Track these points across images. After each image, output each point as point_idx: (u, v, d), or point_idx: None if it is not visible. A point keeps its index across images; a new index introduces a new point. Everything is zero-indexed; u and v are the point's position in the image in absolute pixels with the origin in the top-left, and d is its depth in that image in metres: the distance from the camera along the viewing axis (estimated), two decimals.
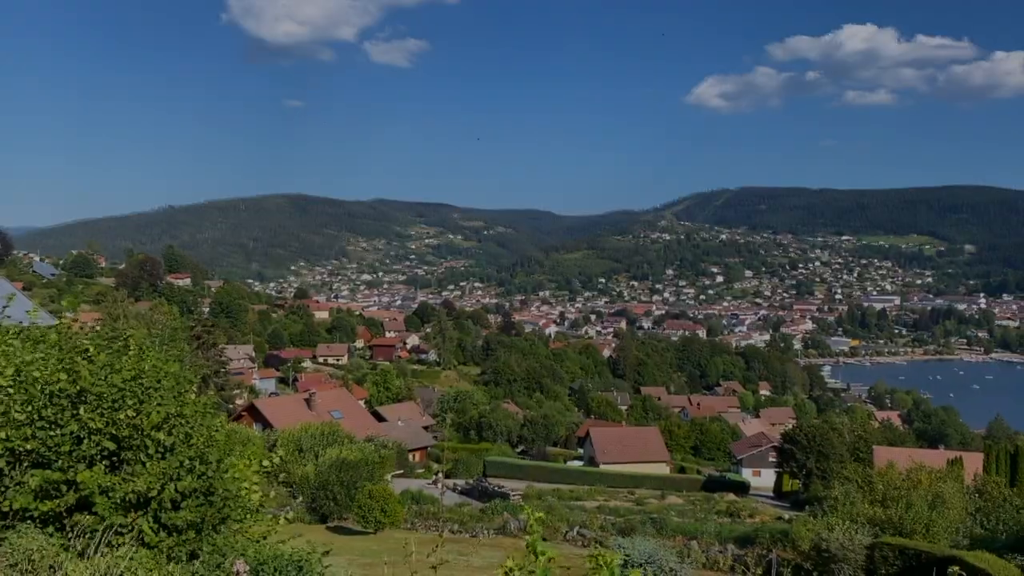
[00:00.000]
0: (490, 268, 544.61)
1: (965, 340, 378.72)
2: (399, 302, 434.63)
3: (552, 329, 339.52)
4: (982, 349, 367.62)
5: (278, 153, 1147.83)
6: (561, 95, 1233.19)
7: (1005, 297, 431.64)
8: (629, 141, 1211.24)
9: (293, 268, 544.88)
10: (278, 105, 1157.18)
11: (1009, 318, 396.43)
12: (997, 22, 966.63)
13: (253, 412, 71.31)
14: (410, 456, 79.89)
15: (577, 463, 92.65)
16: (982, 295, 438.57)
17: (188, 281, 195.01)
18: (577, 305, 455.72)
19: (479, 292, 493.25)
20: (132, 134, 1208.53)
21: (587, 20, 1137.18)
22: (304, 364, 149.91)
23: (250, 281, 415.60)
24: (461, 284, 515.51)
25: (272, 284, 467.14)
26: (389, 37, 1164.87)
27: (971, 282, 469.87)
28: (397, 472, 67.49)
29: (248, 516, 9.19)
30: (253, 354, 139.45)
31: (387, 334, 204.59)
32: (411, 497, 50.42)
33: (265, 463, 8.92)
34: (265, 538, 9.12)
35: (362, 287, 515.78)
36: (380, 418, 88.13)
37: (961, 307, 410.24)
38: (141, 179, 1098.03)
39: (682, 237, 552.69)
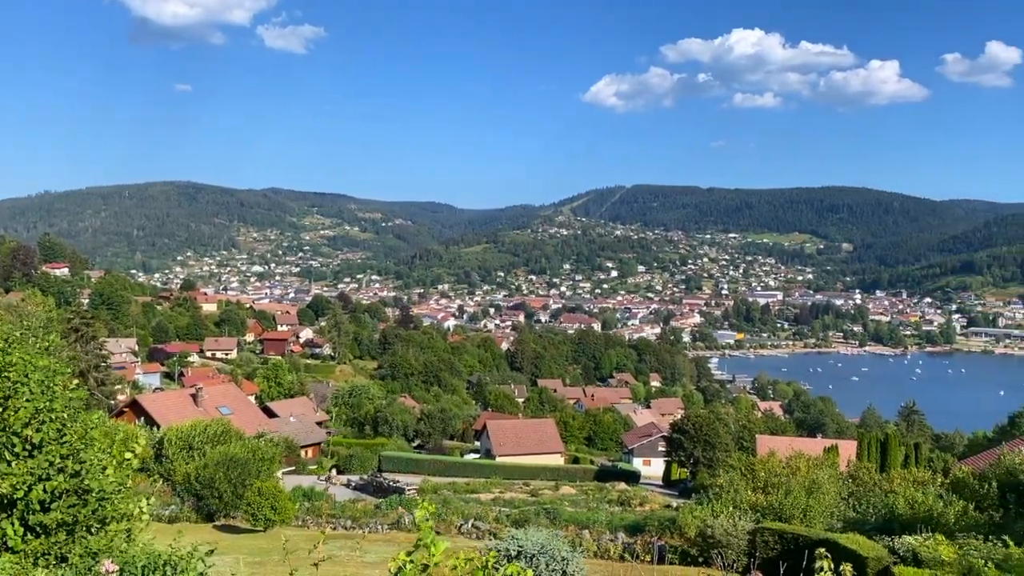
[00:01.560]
0: (388, 261, 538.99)
1: (842, 334, 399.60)
2: (292, 295, 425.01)
3: (451, 322, 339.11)
4: (857, 343, 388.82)
5: (166, 139, 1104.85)
6: (462, 89, 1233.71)
7: (878, 293, 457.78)
8: (529, 137, 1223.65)
9: (180, 258, 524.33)
10: (166, 89, 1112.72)
11: (881, 313, 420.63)
12: (873, 32, 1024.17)
13: (136, 408, 68.22)
14: (303, 452, 78.29)
15: (474, 456, 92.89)
16: (858, 291, 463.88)
17: (66, 271, 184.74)
18: (476, 298, 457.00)
19: (376, 285, 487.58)
20: (5, 115, 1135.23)
21: (489, 14, 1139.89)
22: (191, 358, 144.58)
23: (134, 272, 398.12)
24: (358, 277, 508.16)
25: (157, 275, 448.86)
26: (285, 22, 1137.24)
27: (848, 279, 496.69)
28: (288, 469, 66.06)
29: (122, 517, 8.77)
30: (136, 348, 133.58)
31: (279, 327, 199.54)
32: (303, 494, 49.45)
33: (127, 455, 8.51)
34: (131, 537, 8.72)
35: (253, 279, 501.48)
36: (271, 414, 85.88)
37: (838, 302, 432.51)
38: (15, 163, 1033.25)
39: (579, 232, 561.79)
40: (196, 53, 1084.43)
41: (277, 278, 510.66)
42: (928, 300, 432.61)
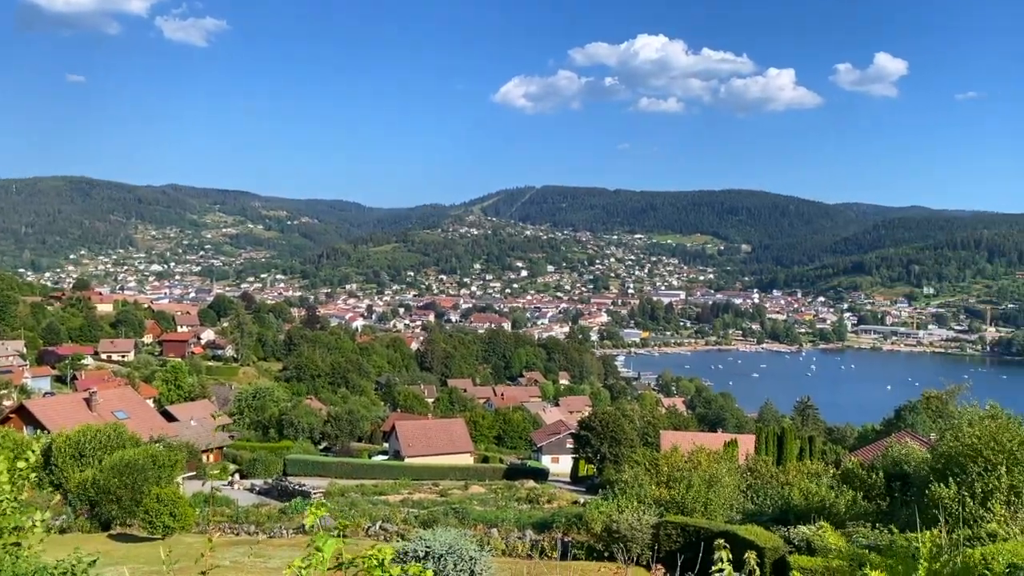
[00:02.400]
0: (294, 260, 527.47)
1: (741, 332, 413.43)
2: (193, 295, 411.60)
3: (359, 323, 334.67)
4: (755, 340, 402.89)
5: (57, 132, 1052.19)
6: (371, 86, 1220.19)
7: (775, 293, 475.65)
8: (440, 136, 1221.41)
9: (73, 257, 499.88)
10: (57, 80, 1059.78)
11: (778, 312, 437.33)
12: (771, 41, 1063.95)
13: (23, 414, 64.81)
14: (204, 457, 75.94)
15: (382, 457, 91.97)
16: (756, 291, 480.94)
17: None
18: (385, 298, 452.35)
19: (282, 285, 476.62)
20: None
21: (399, 11, 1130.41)
22: (84, 361, 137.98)
23: (22, 271, 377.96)
24: (262, 276, 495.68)
25: (48, 274, 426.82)
26: (185, 14, 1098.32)
27: (746, 279, 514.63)
28: (189, 474, 63.90)
29: (12, 530, 8.29)
30: (24, 351, 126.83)
31: (179, 328, 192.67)
32: (204, 499, 47.94)
33: (20, 465, 8.08)
34: (19, 551, 8.27)
35: (151, 278, 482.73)
36: (171, 418, 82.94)
37: (738, 302, 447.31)
38: None
39: (490, 232, 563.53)
40: (90, 43, 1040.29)
41: (177, 277, 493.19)
42: (821, 299, 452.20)
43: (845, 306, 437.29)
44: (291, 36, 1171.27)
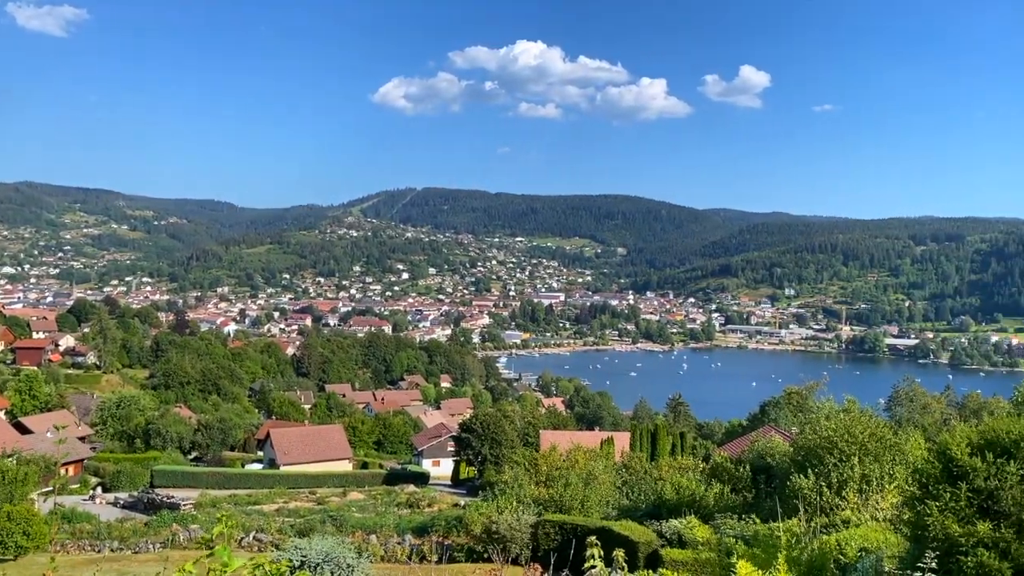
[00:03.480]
0: (161, 262, 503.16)
1: (617, 332, 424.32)
2: (50, 299, 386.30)
3: (232, 327, 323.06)
4: (630, 340, 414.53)
5: None
6: (243, 82, 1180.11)
7: (648, 294, 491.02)
8: (317, 135, 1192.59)
9: None
10: None
11: (652, 313, 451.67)
12: (644, 51, 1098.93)
13: None
14: (63, 470, 71.34)
15: (257, 466, 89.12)
16: (631, 292, 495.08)
17: None
18: (260, 302, 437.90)
19: (148, 288, 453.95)
20: None
21: (270, 5, 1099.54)
22: None
23: None
24: (127, 279, 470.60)
25: None
26: (41, 1, 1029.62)
27: (622, 280, 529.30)
28: (46, 490, 59.92)
29: None
30: None
31: (34, 335, 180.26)
32: (62, 516, 45.07)
33: None
34: None
35: (3, 282, 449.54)
36: (25, 430, 77.60)
37: (614, 303, 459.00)
38: None
39: (369, 234, 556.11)
40: None
41: (32, 281, 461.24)
42: (692, 300, 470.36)
43: (713, 307, 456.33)
44: (156, 28, 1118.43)
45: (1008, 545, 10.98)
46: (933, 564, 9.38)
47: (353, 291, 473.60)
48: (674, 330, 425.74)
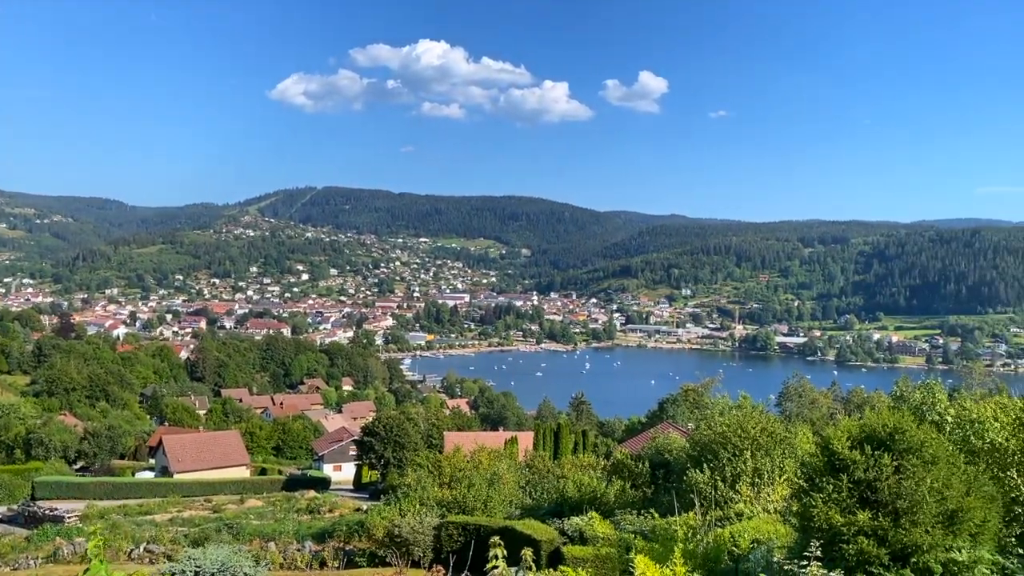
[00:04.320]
0: (44, 262, 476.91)
1: (521, 333, 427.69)
2: None
3: (121, 331, 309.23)
4: (535, 340, 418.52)
5: None
6: (131, 74, 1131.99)
7: (552, 295, 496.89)
8: (213, 131, 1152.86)
9: None
10: None
11: (555, 313, 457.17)
12: (546, 55, 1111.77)
13: None
14: None
15: (149, 475, 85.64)
16: (535, 293, 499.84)
17: None
18: (151, 304, 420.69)
19: (30, 290, 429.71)
20: None
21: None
22: None
23: None
24: (6, 280, 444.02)
25: None
26: None
27: (526, 281, 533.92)
28: None
29: None
30: None
31: None
32: None
33: None
34: None
35: None
36: None
37: (518, 303, 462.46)
38: None
39: (267, 234, 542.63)
40: None
41: None
42: (594, 301, 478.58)
43: (614, 307, 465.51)
44: (33, 14, 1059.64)
45: (885, 532, 11.59)
46: (818, 553, 9.81)
47: (250, 292, 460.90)
48: (577, 330, 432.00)
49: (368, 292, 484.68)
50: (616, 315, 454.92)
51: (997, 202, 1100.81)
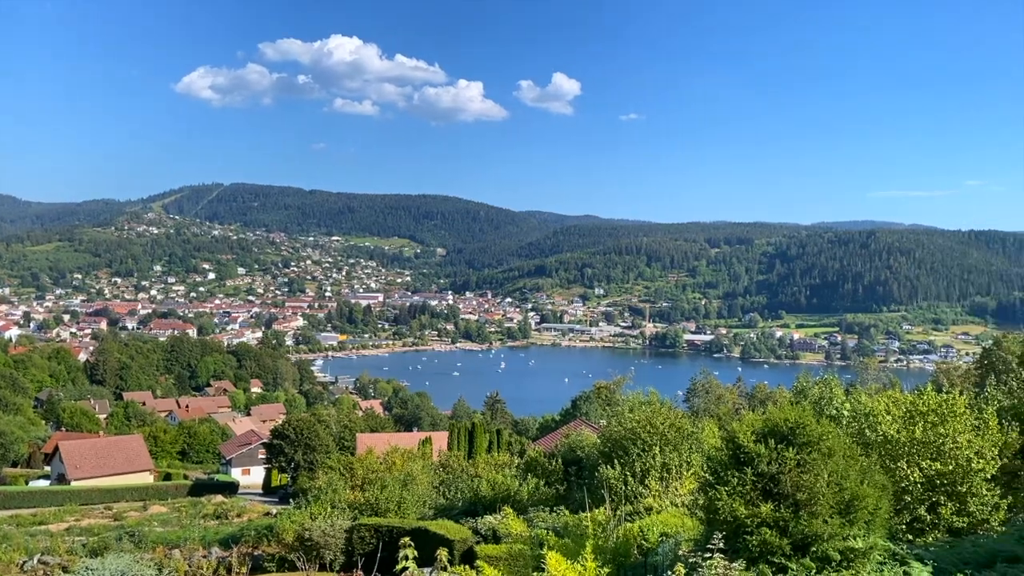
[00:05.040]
0: None
1: (436, 332, 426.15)
2: None
3: (14, 332, 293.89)
4: (450, 340, 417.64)
5: None
6: (26, 64, 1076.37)
7: (468, 294, 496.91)
8: (113, 125, 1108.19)
9: None
10: None
11: (471, 312, 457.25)
12: (461, 54, 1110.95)
13: None
14: None
15: (44, 483, 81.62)
16: (450, 292, 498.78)
17: None
18: (47, 304, 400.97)
19: None
20: None
21: None
22: None
23: None
24: None
25: None
26: None
27: (441, 281, 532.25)
28: None
29: None
30: None
31: None
32: None
33: None
34: None
35: None
36: None
37: (433, 303, 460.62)
38: None
39: (172, 231, 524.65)
40: None
41: None
42: (509, 300, 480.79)
43: (529, 306, 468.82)
44: None
45: (787, 524, 12.00)
46: (721, 544, 10.09)
47: (154, 292, 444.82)
48: (492, 329, 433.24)
49: (278, 292, 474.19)
50: (531, 314, 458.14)
51: (890, 205, 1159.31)
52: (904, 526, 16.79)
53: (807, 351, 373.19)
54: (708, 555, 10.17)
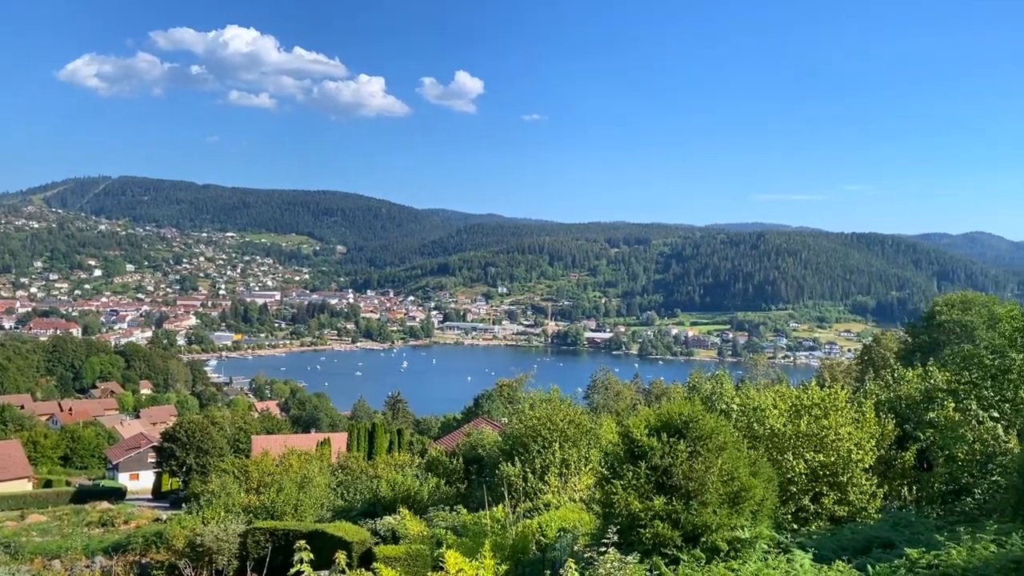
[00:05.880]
0: None
1: (336, 332, 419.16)
2: None
3: None
4: (350, 339, 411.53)
5: None
6: None
7: (369, 293, 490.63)
8: None
9: None
10: None
11: (372, 311, 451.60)
12: (362, 48, 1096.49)
13: None
14: None
15: None
16: (350, 291, 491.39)
17: None
18: None
19: None
20: None
21: None
22: None
23: None
24: None
25: None
26: None
27: (342, 279, 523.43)
28: None
29: None
30: None
31: None
32: None
33: None
34: None
35: None
36: None
37: (333, 302, 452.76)
38: None
39: (54, 226, 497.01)
40: None
41: None
42: (411, 298, 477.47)
43: (432, 304, 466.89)
44: None
45: (679, 516, 12.36)
46: (615, 538, 10.30)
47: (34, 290, 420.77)
48: (394, 328, 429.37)
49: (169, 289, 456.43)
50: (434, 313, 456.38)
51: (779, 208, 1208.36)
52: (789, 515, 17.55)
53: (701, 348, 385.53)
54: (603, 549, 10.36)
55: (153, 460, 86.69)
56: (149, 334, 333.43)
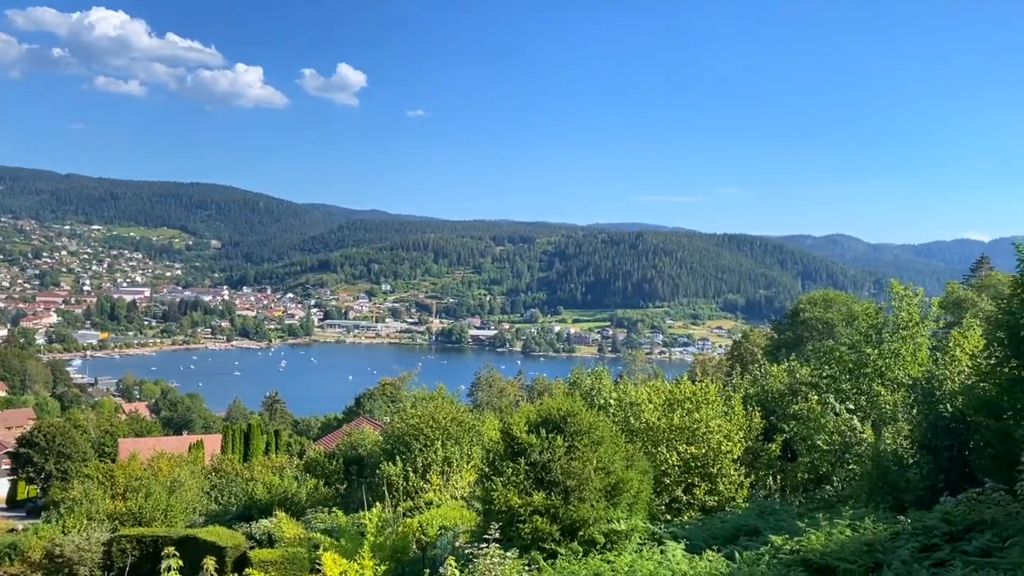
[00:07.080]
0: None
1: (210, 330, 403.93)
2: None
3: None
4: (225, 338, 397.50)
5: None
6: None
7: (245, 289, 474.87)
8: None
9: None
10: None
11: (248, 309, 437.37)
12: (240, 37, 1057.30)
13: None
14: None
15: None
16: (226, 287, 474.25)
17: None
18: None
19: None
20: None
21: None
22: None
23: None
24: None
25: None
26: None
27: (216, 275, 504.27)
28: None
29: None
30: None
31: None
32: None
33: None
34: None
35: None
36: None
37: (207, 298, 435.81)
38: None
39: None
40: None
41: None
42: (291, 296, 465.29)
43: (312, 302, 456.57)
44: None
45: (557, 510, 12.58)
46: (497, 534, 10.37)
47: None
48: (272, 326, 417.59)
49: (27, 285, 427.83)
50: (314, 310, 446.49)
51: (656, 209, 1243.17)
52: (663, 507, 18.18)
53: (582, 344, 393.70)
54: (483, 545, 10.42)
55: (8, 467, 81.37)
56: (4, 332, 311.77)
